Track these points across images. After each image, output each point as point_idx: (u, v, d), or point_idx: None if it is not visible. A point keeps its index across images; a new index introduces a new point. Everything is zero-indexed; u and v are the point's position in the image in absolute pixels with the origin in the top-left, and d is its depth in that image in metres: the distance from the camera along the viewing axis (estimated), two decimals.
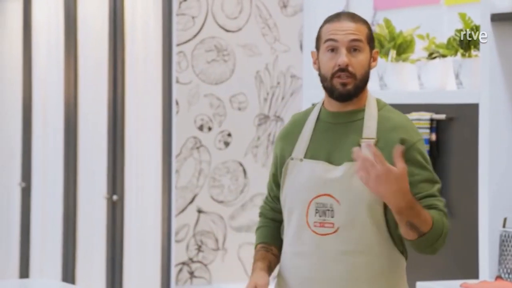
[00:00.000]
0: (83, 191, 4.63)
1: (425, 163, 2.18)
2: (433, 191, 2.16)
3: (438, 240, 2.14)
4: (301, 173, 2.21)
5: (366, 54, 2.19)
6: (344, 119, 2.22)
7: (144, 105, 4.21)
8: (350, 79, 2.18)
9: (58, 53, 4.78)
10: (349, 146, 2.18)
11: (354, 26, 2.18)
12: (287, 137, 2.28)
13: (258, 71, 4.04)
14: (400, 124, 2.20)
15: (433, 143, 3.12)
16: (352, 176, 2.15)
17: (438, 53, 3.22)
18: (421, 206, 2.12)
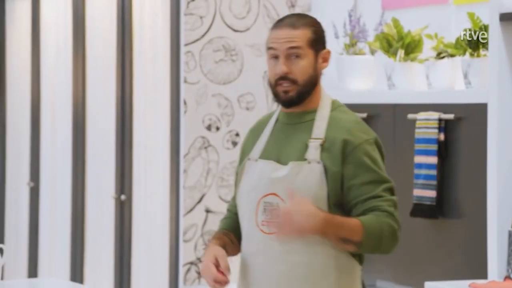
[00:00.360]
0: (91, 191, 4.64)
1: (370, 164, 2.19)
2: (377, 192, 2.17)
3: (381, 242, 2.16)
4: (253, 173, 2.26)
5: (308, 59, 2.22)
6: (297, 120, 2.26)
7: (152, 105, 4.22)
8: (292, 86, 2.22)
9: (67, 53, 4.79)
10: (297, 146, 2.22)
11: (293, 33, 2.20)
12: (250, 138, 2.33)
13: (266, 71, 4.04)
14: (347, 125, 2.23)
15: (441, 143, 3.11)
16: (297, 175, 2.19)
17: (446, 52, 3.21)
18: (342, 219, 2.14)
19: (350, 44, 3.65)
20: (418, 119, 3.19)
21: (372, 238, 2.15)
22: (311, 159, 2.19)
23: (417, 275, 3.21)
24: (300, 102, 2.23)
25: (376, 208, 2.17)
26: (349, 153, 2.19)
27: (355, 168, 2.18)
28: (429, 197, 3.12)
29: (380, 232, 2.15)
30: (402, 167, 3.28)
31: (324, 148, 2.19)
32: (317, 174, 2.18)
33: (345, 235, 2.13)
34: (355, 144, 2.20)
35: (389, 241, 2.17)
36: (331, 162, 2.18)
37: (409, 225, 3.25)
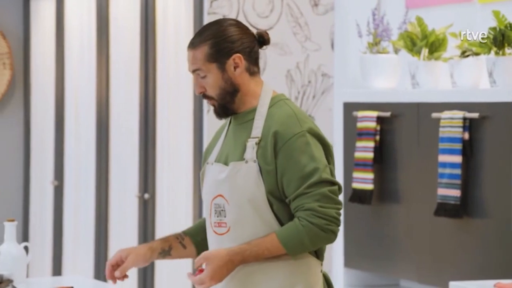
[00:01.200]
0: (115, 190, 4.66)
1: (298, 158, 2.20)
2: (302, 190, 2.19)
3: (304, 244, 2.20)
4: (208, 176, 2.32)
5: (212, 74, 2.26)
6: (241, 120, 2.31)
7: (175, 104, 4.23)
8: (211, 101, 2.29)
9: (90, 52, 4.82)
10: (238, 146, 2.26)
11: (192, 55, 2.28)
12: (211, 145, 2.40)
13: (289, 70, 4.04)
14: (278, 119, 2.24)
15: (466, 142, 3.09)
16: (235, 175, 2.23)
17: (471, 51, 3.19)
18: (256, 248, 2.20)
19: (373, 43, 3.64)
20: (442, 118, 3.17)
21: (294, 245, 2.20)
22: (248, 159, 2.23)
23: (441, 275, 3.20)
24: (226, 113, 2.30)
25: (300, 207, 2.21)
26: (279, 150, 2.22)
27: (284, 165, 2.21)
28: (453, 196, 3.11)
29: (300, 238, 2.19)
30: (426, 166, 3.27)
31: (260, 146, 2.23)
32: (254, 173, 2.22)
33: (266, 256, 2.21)
34: (284, 140, 2.22)
35: (316, 239, 2.20)
36: (264, 160, 2.22)
37: (433, 225, 3.23)
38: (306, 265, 2.26)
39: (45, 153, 5.26)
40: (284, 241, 2.20)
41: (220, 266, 2.19)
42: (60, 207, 5.10)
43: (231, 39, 2.26)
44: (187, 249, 2.37)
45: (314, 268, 2.28)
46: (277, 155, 2.22)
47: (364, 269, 3.59)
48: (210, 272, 2.19)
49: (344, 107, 3.70)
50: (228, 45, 2.25)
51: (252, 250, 2.20)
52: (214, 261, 2.19)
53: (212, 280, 2.19)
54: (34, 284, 2.74)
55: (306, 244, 2.21)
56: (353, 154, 3.54)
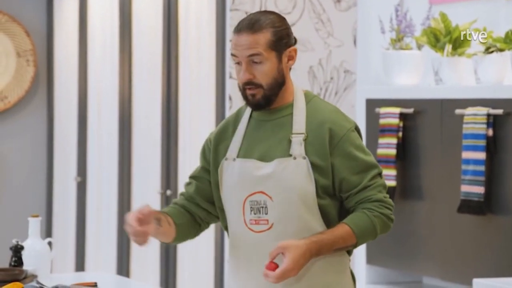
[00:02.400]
0: (137, 186, 4.68)
1: (356, 153, 2.21)
2: (365, 183, 2.19)
3: (375, 236, 2.21)
4: (234, 172, 2.25)
5: (271, 62, 2.20)
6: (273, 116, 2.26)
7: (197, 101, 4.23)
8: (257, 90, 2.21)
9: (113, 49, 4.84)
10: (279, 143, 2.22)
11: (251, 39, 2.18)
12: (221, 139, 2.31)
13: (312, 66, 4.03)
14: (328, 115, 2.23)
15: (490, 139, 3.07)
16: (283, 171, 2.19)
17: (495, 47, 3.17)
18: (331, 233, 2.16)
19: (396, 39, 3.62)
20: (466, 115, 3.15)
21: (366, 236, 2.20)
22: (296, 155, 2.20)
23: (464, 272, 3.18)
24: (268, 104, 2.24)
25: (366, 199, 2.20)
26: (335, 145, 2.20)
27: (343, 160, 2.20)
28: (477, 193, 3.09)
29: (373, 228, 2.20)
30: (449, 163, 3.25)
31: (307, 142, 2.20)
32: (304, 169, 2.19)
33: (338, 246, 2.19)
34: (340, 135, 2.21)
35: (384, 229, 2.22)
36: (316, 156, 2.20)
37: (457, 222, 3.21)
38: (340, 262, 2.25)
39: (68, 150, 5.29)
40: (358, 231, 2.18)
41: (300, 255, 2.12)
42: (83, 203, 5.12)
43: (287, 31, 2.24)
44: (170, 227, 2.29)
45: (347, 266, 2.28)
46: (333, 151, 2.20)
47: (386, 266, 3.58)
48: (291, 262, 2.11)
49: (366, 104, 3.68)
50: (286, 37, 2.23)
51: (328, 239, 2.16)
52: (294, 250, 2.12)
53: (293, 270, 2.11)
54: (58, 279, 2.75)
55: (376, 234, 2.21)
56: (375, 151, 3.52)
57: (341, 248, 2.20)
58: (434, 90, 3.39)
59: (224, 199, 2.30)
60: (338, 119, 2.23)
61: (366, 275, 3.65)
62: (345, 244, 2.19)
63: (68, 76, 5.30)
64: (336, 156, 2.20)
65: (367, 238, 2.21)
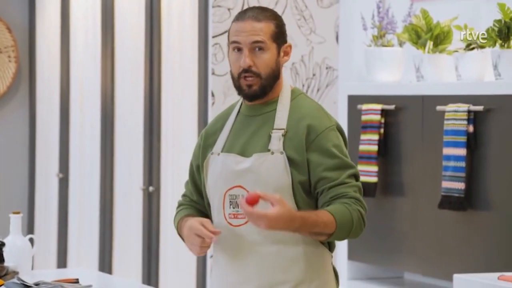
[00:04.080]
0: (119, 182, 4.67)
1: (334, 150, 2.21)
2: (342, 179, 2.19)
3: (351, 230, 2.19)
4: (216, 167, 2.28)
5: (271, 53, 2.24)
6: (259, 111, 2.28)
7: (180, 97, 4.23)
8: (255, 80, 2.24)
9: (95, 45, 4.82)
10: (260, 137, 2.24)
11: (257, 26, 2.21)
12: (210, 134, 2.35)
13: (294, 63, 4.03)
14: (308, 112, 2.24)
15: (470, 135, 3.09)
16: (260, 166, 2.21)
17: (476, 44, 3.19)
18: (315, 214, 2.16)
19: (378, 36, 3.63)
20: (447, 111, 3.17)
21: (344, 228, 2.18)
22: (274, 150, 2.22)
23: (445, 268, 3.20)
24: (263, 95, 2.26)
25: (342, 195, 2.20)
26: (312, 140, 2.21)
27: (320, 155, 2.20)
28: (457, 189, 3.11)
29: (351, 222, 2.18)
30: (430, 159, 3.27)
31: (287, 137, 2.22)
32: (281, 164, 2.21)
33: (317, 230, 2.17)
34: (318, 131, 2.22)
35: (359, 228, 2.21)
36: (294, 151, 2.21)
37: (437, 217, 3.23)
38: (321, 257, 2.26)
39: (50, 146, 5.27)
40: (339, 221, 2.16)
41: (285, 215, 2.11)
42: (65, 200, 5.11)
43: (285, 28, 2.30)
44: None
45: (327, 261, 2.28)
46: (310, 147, 2.21)
47: (368, 262, 3.59)
48: (276, 213, 2.10)
49: (348, 100, 3.70)
50: (285, 33, 2.28)
51: (313, 220, 2.15)
52: (286, 207, 2.11)
53: (271, 221, 2.10)
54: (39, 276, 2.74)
55: (351, 231, 2.18)
56: (357, 147, 3.54)
57: (318, 234, 2.18)
58: (415, 86, 3.41)
59: (208, 194, 2.33)
60: (318, 116, 2.24)
61: (348, 271, 3.66)
62: (324, 229, 2.17)
63: (50, 72, 5.28)
64: (312, 152, 2.21)
65: (343, 231, 2.19)
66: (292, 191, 2.21)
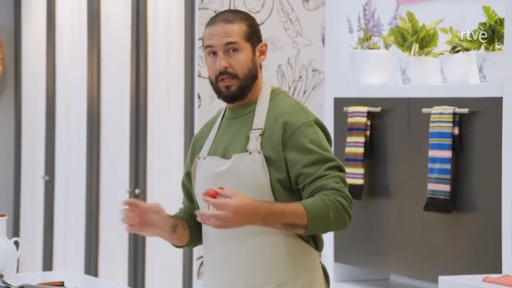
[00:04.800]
0: (105, 185, 4.66)
1: (311, 146, 2.21)
2: (321, 172, 2.19)
3: (328, 221, 2.16)
4: (202, 171, 2.31)
5: (246, 53, 2.26)
6: (239, 113, 2.30)
7: (166, 99, 4.23)
8: (233, 81, 2.26)
9: (81, 47, 4.81)
10: (240, 139, 2.27)
11: (229, 28, 2.24)
12: (198, 139, 2.38)
13: (280, 65, 4.04)
14: (285, 110, 2.26)
15: (456, 137, 3.11)
16: (239, 167, 2.23)
17: (461, 46, 3.20)
18: (283, 203, 2.17)
19: (364, 38, 3.64)
20: (432, 113, 3.18)
21: (318, 218, 2.16)
22: (252, 150, 2.23)
23: (431, 270, 3.21)
24: (242, 96, 2.27)
25: (322, 187, 2.19)
26: (288, 138, 2.22)
27: (297, 153, 2.21)
28: (443, 191, 3.12)
29: (326, 212, 2.16)
30: (416, 161, 3.28)
31: (264, 137, 2.23)
32: (259, 163, 2.22)
33: (288, 220, 2.15)
34: (294, 128, 2.23)
35: (339, 218, 2.18)
36: (272, 150, 2.22)
37: (423, 220, 3.24)
38: (307, 255, 2.26)
39: (36, 148, 5.25)
40: (310, 211, 2.15)
41: (246, 203, 2.11)
42: (51, 202, 5.09)
43: (258, 27, 2.31)
44: (185, 231, 2.35)
45: (314, 259, 2.28)
46: (286, 144, 2.22)
47: (354, 264, 3.60)
48: (236, 203, 2.10)
49: (334, 102, 3.70)
50: (259, 32, 2.30)
51: (278, 207, 2.15)
52: (244, 197, 2.12)
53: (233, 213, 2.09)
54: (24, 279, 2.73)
55: (329, 221, 2.16)
56: (343, 149, 3.54)
57: (292, 225, 2.16)
58: (401, 89, 3.42)
59: (196, 197, 2.35)
60: (294, 113, 2.24)
61: (334, 273, 3.67)
62: (295, 220, 2.15)
63: (36, 74, 5.26)
64: (289, 150, 2.21)
65: (319, 222, 2.16)
66: (271, 189, 2.22)
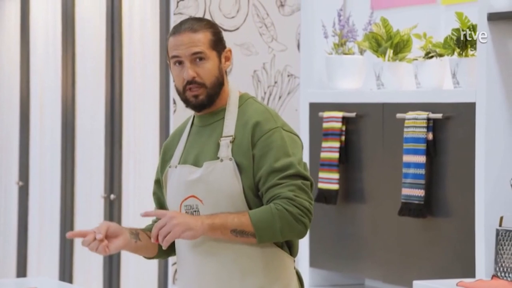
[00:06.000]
0: (80, 190, 4.63)
1: (274, 152, 2.21)
2: (275, 181, 2.20)
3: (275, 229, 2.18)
4: (174, 179, 2.30)
5: (213, 61, 2.25)
6: (208, 121, 2.29)
7: (141, 104, 4.21)
8: (200, 90, 2.25)
9: (56, 51, 4.78)
10: (210, 147, 2.26)
11: (194, 37, 2.23)
12: (168, 148, 2.37)
13: (256, 71, 4.04)
14: (253, 115, 2.26)
15: (429, 142, 3.12)
16: (210, 174, 2.23)
17: (435, 52, 3.23)
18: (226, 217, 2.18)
19: (339, 44, 3.66)
20: (406, 119, 3.20)
21: (264, 228, 2.17)
22: (223, 157, 2.22)
23: (405, 274, 3.22)
24: (210, 104, 2.27)
25: (276, 196, 2.20)
26: (256, 142, 2.23)
27: (260, 159, 2.22)
28: (417, 196, 3.14)
29: (272, 221, 2.17)
30: (390, 166, 3.29)
31: (235, 144, 2.23)
32: (230, 170, 2.21)
33: (235, 227, 2.17)
34: (260, 134, 2.23)
35: (288, 227, 2.19)
36: (242, 157, 2.22)
37: (398, 224, 3.26)
38: (281, 262, 2.25)
39: (10, 153, 5.21)
40: (255, 220, 2.17)
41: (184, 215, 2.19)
42: (25, 208, 5.05)
43: (222, 34, 2.30)
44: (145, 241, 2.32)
45: (288, 266, 2.27)
46: (253, 149, 2.22)
47: (329, 268, 3.61)
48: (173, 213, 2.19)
49: (310, 108, 3.71)
50: (223, 39, 2.29)
51: (223, 214, 2.18)
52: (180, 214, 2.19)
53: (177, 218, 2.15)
54: None
55: (276, 230, 2.17)
56: (319, 154, 3.55)
57: (240, 233, 2.17)
58: (375, 94, 3.43)
59: (168, 206, 2.33)
60: (263, 118, 2.24)
61: (309, 278, 3.67)
62: (241, 226, 2.17)
63: (10, 78, 5.22)
64: (255, 153, 2.21)
65: (266, 232, 2.17)
66: (244, 196, 2.21)
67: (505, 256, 2.85)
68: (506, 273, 2.85)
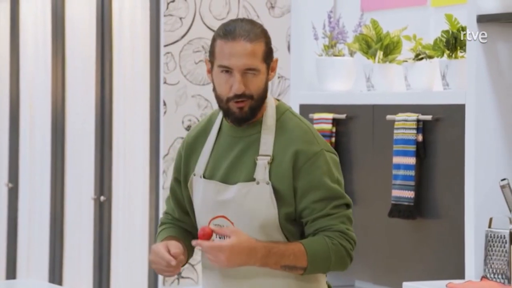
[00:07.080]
0: (70, 192, 4.62)
1: (322, 178, 2.06)
2: (327, 211, 2.06)
3: (329, 265, 2.07)
4: (199, 192, 2.14)
5: (263, 74, 2.06)
6: (243, 133, 2.11)
7: (132, 106, 4.21)
8: (247, 102, 2.05)
9: (46, 53, 4.77)
10: (244, 164, 2.09)
11: (249, 48, 2.03)
12: (191, 148, 2.17)
13: None
14: (296, 136, 2.08)
15: (419, 144, 3.13)
16: (245, 197, 2.07)
17: (424, 54, 3.23)
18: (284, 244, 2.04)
19: (329, 46, 3.66)
20: (396, 120, 3.20)
21: (318, 262, 2.06)
22: (259, 179, 2.06)
23: (395, 276, 3.23)
24: (252, 118, 2.08)
25: (327, 228, 2.07)
26: (299, 169, 2.06)
27: (306, 185, 2.06)
28: (407, 197, 3.14)
29: (327, 255, 2.06)
30: (380, 168, 3.30)
31: (273, 165, 2.06)
32: (266, 195, 2.06)
33: (287, 263, 2.04)
34: (305, 158, 2.06)
35: (340, 261, 2.08)
36: (280, 181, 2.06)
37: (387, 226, 3.26)
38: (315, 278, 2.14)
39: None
40: (311, 253, 2.03)
41: (243, 244, 1.99)
42: (14, 210, 5.03)
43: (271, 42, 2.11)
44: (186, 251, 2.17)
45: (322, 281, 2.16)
46: (297, 175, 2.05)
47: None
48: (233, 243, 1.98)
49: (300, 109, 3.72)
50: (272, 48, 2.10)
51: (279, 249, 2.02)
52: (243, 236, 1.99)
53: (229, 252, 1.97)
54: None
55: (329, 265, 2.06)
56: None
57: (290, 268, 2.04)
58: (365, 96, 3.44)
59: (196, 217, 2.18)
60: (305, 141, 2.07)
61: None
62: (295, 262, 2.04)
63: (0, 79, 5.20)
64: (299, 181, 2.05)
65: (319, 265, 2.05)
66: (279, 224, 2.07)
67: (494, 257, 2.86)
68: (496, 274, 2.86)
